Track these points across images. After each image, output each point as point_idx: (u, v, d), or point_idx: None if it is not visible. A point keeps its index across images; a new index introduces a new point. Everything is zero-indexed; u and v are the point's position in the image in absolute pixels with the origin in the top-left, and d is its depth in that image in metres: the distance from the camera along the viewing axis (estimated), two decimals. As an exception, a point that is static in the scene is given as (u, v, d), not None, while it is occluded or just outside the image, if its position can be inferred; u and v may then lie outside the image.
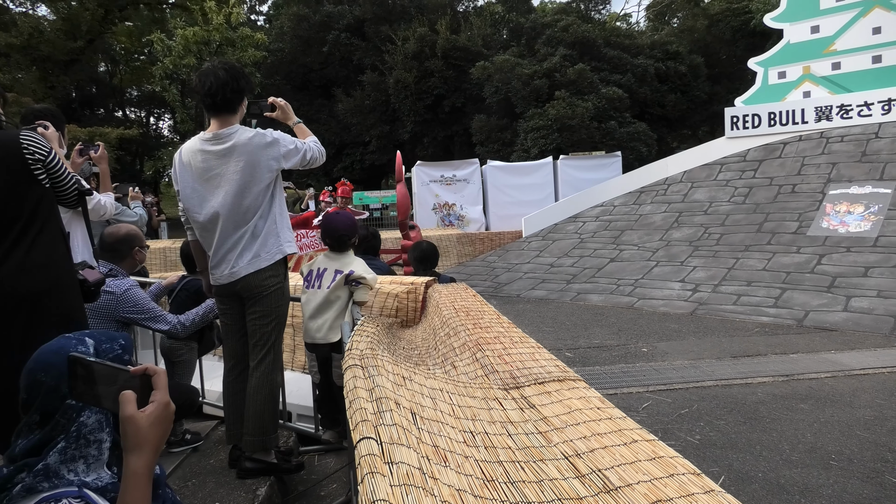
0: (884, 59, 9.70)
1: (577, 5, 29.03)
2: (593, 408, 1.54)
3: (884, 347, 5.15)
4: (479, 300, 3.02)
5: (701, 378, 4.39)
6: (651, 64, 23.33)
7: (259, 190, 2.57)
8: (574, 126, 18.93)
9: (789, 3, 10.68)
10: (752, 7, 24.97)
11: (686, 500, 1.05)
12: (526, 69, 21.25)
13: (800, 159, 9.77)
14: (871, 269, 6.87)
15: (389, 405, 1.38)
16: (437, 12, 26.07)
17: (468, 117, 23.16)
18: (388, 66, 24.50)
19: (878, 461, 2.96)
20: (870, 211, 7.98)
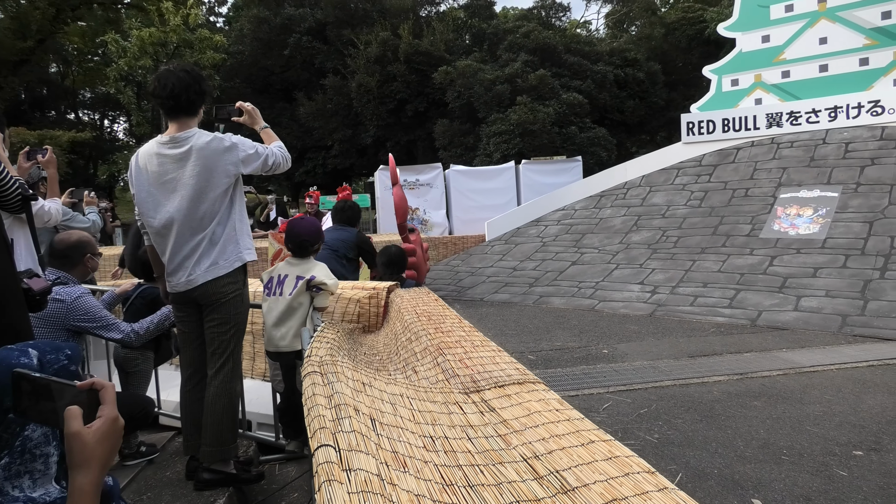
0: (830, 69, 10.09)
1: (538, 12, 29.39)
2: (552, 410, 1.55)
3: (832, 345, 5.35)
4: (441, 304, 3.03)
5: (659, 378, 4.48)
6: (610, 70, 23.77)
7: (216, 195, 2.51)
8: (535, 131, 19.14)
9: (741, 14, 11.03)
10: (706, 16, 25.70)
11: (641, 499, 1.07)
12: (488, 74, 21.42)
13: (752, 164, 10.09)
14: (820, 269, 7.12)
15: (348, 412, 1.37)
16: (400, 17, 26.07)
17: (431, 122, 23.19)
18: (350, 70, 24.38)
19: (827, 455, 3.07)
20: (818, 214, 8.28)
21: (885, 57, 9.56)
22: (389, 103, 23.42)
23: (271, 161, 2.68)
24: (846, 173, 8.85)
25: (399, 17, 25.98)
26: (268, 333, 2.87)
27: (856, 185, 8.53)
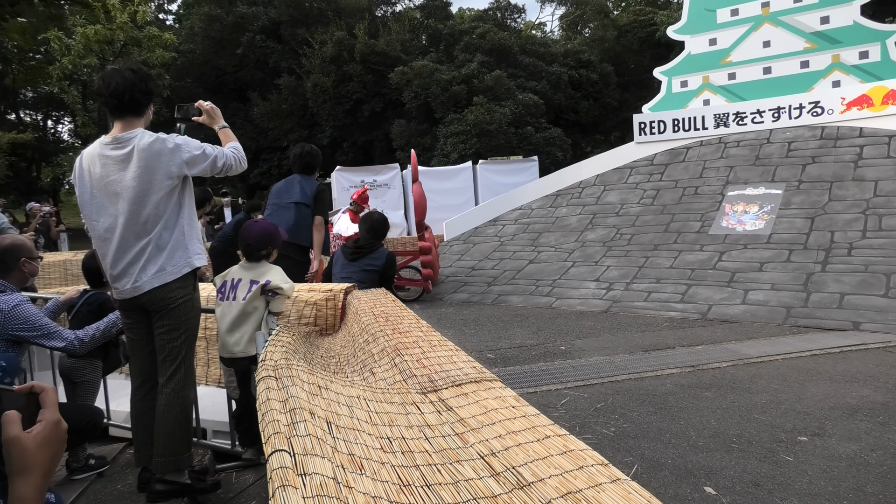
0: (773, 71, 10.48)
1: (493, 13, 29.60)
2: (509, 407, 1.57)
3: (778, 336, 5.55)
4: (398, 305, 3.02)
5: (615, 372, 4.57)
6: (565, 71, 24.14)
7: (159, 199, 2.42)
8: (492, 131, 19.29)
9: (689, 17, 11.34)
10: (657, 19, 26.35)
11: (594, 491, 1.09)
12: (444, 75, 21.48)
13: (701, 163, 10.39)
14: (766, 264, 7.39)
15: (303, 415, 1.36)
16: (355, 16, 25.89)
17: (388, 122, 23.11)
18: (305, 69, 24.08)
19: (774, 441, 3.19)
20: (763, 210, 8.59)
21: (824, 60, 9.98)
22: (346, 103, 23.24)
23: (221, 163, 2.59)
24: (789, 171, 9.20)
25: (355, 16, 25.80)
26: (221, 339, 2.80)
27: (798, 183, 8.88)
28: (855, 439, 3.19)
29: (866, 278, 6.52)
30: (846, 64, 9.78)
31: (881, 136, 9.06)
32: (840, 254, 7.14)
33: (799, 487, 2.69)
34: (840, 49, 9.84)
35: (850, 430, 3.32)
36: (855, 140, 9.26)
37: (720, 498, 2.62)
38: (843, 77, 9.82)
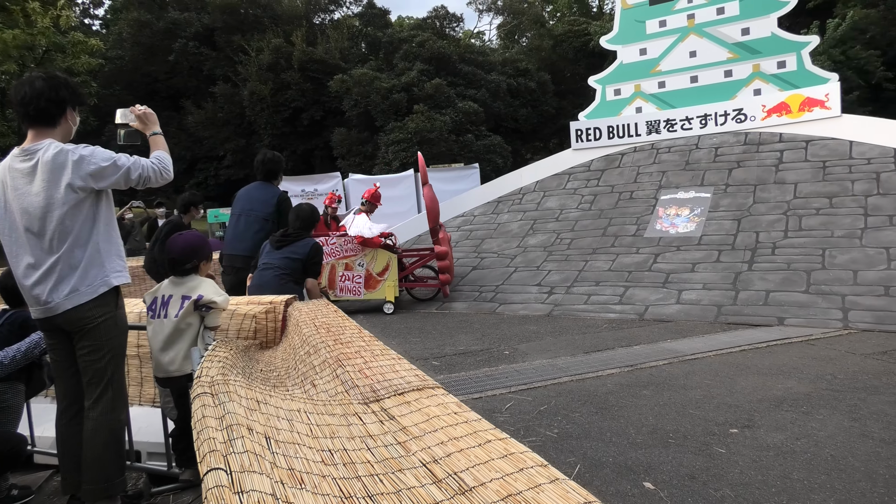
0: (700, 80, 10.96)
1: (432, 22, 29.82)
2: (451, 413, 1.58)
3: (710, 333, 5.79)
4: (340, 315, 2.99)
5: (558, 375, 4.66)
6: (503, 80, 24.54)
7: (63, 214, 2.29)
8: (433, 139, 19.40)
9: (621, 28, 11.75)
10: (590, 30, 27.14)
11: (534, 492, 1.11)
12: (384, 83, 21.46)
13: (636, 168, 10.75)
14: (697, 264, 7.70)
15: (241, 432, 1.33)
16: (293, 24, 25.57)
17: (328, 130, 22.89)
18: (241, 77, 23.58)
19: (707, 435, 3.32)
20: (694, 213, 8.96)
21: (746, 69, 10.52)
22: (284, 112, 22.89)
23: (136, 174, 2.43)
24: (717, 175, 9.64)
25: (292, 23, 25.47)
26: (155, 359, 2.69)
27: (725, 186, 9.31)
28: (781, 429, 3.36)
29: (789, 276, 6.89)
30: (766, 73, 10.34)
31: (799, 141, 9.62)
32: (765, 253, 7.52)
33: (731, 478, 2.81)
34: (760, 59, 10.40)
35: (777, 420, 3.49)
36: (775, 145, 9.79)
37: (658, 492, 2.70)
38: (763, 85, 10.38)
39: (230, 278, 4.86)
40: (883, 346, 4.99)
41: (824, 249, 7.22)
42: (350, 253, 7.88)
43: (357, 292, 7.98)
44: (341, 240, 7.88)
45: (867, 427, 3.33)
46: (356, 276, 7.91)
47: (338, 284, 7.97)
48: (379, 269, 7.88)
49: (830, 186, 8.43)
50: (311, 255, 4.24)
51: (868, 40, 22.33)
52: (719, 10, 10.67)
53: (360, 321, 7.60)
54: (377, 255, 7.86)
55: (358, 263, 7.89)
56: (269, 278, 4.17)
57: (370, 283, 7.91)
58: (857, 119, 9.62)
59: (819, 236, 7.53)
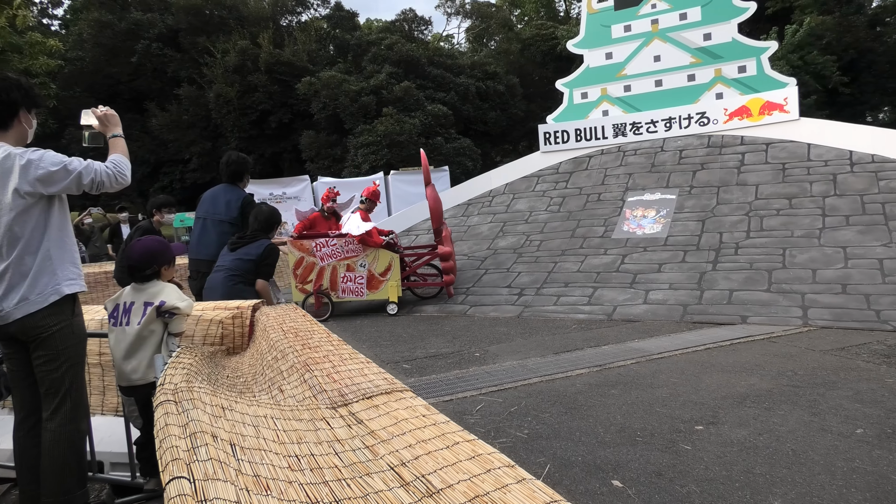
0: (664, 83, 11.17)
1: (401, 25, 29.80)
2: (419, 416, 1.58)
3: (676, 332, 5.90)
4: (308, 320, 2.96)
5: (528, 376, 4.69)
6: (472, 83, 24.64)
7: (11, 220, 2.23)
8: (403, 142, 19.37)
9: (587, 32, 11.91)
10: (557, 34, 27.45)
11: (501, 492, 1.12)
12: (353, 86, 21.36)
13: (603, 171, 10.90)
14: (664, 265, 7.84)
15: (205, 439, 1.30)
16: (259, 25, 25.27)
17: (296, 133, 22.67)
18: (207, 79, 23.21)
19: (674, 432, 3.38)
20: (660, 214, 9.12)
21: (708, 74, 10.76)
22: (251, 114, 22.60)
23: (88, 179, 2.36)
24: (681, 177, 9.83)
25: (258, 25, 25.17)
26: (118, 368, 2.62)
27: (690, 188, 9.50)
28: (744, 425, 3.43)
29: (751, 275, 7.06)
30: (727, 77, 10.59)
31: (760, 144, 9.87)
32: (728, 253, 7.69)
33: (697, 474, 2.86)
34: (722, 63, 10.65)
35: (740, 416, 3.58)
36: (737, 147, 10.03)
37: (626, 490, 2.74)
38: (725, 90, 10.63)
39: (196, 283, 4.78)
40: (840, 342, 5.15)
41: (784, 249, 7.42)
42: (351, 254, 7.84)
43: (360, 293, 7.94)
44: (342, 241, 7.82)
45: (826, 421, 3.43)
46: (358, 276, 7.88)
47: (339, 286, 7.94)
48: (381, 270, 7.85)
49: (790, 188, 8.67)
50: (264, 256, 4.20)
51: (824, 46, 23.06)
52: (682, 15, 10.90)
53: (332, 325, 7.54)
54: (379, 255, 7.84)
55: (360, 264, 7.85)
56: (218, 280, 4.12)
57: (373, 283, 7.88)
58: (814, 122, 9.92)
59: (779, 236, 7.73)
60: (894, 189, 7.92)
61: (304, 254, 7.89)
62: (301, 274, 7.98)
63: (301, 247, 7.90)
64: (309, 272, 7.93)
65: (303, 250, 7.89)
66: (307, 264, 7.91)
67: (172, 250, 2.82)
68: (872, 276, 6.43)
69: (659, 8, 11.11)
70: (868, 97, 26.23)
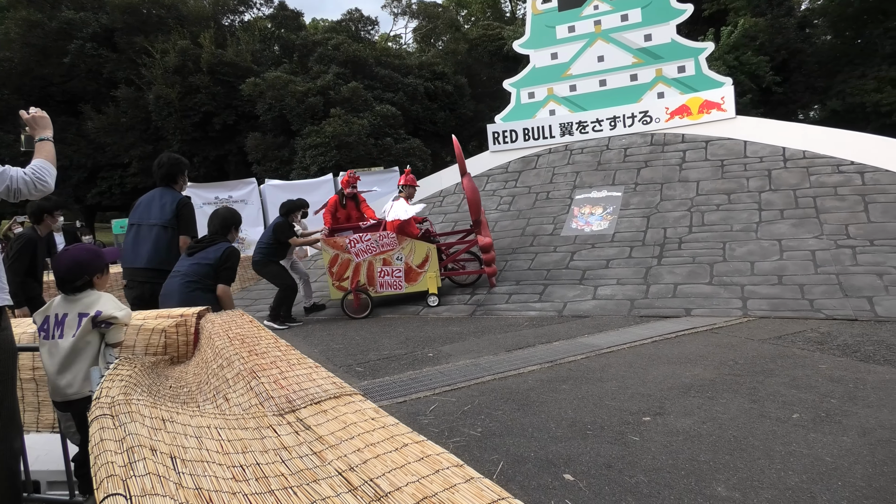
0: (608, 83, 11.43)
1: (347, 25, 29.53)
2: (368, 419, 1.56)
3: (624, 327, 6.04)
4: (255, 325, 2.89)
5: (481, 374, 4.72)
6: (420, 83, 24.63)
7: None
8: (352, 143, 19.21)
9: (532, 33, 12.07)
10: (504, 34, 27.75)
11: (449, 493, 1.12)
12: (300, 86, 21.05)
13: (551, 169, 11.07)
14: (611, 261, 8.02)
15: (143, 453, 1.26)
16: (200, 25, 24.59)
17: (242, 135, 22.18)
18: (146, 80, 22.45)
19: (623, 424, 3.46)
20: (607, 212, 9.32)
21: (650, 73, 11.07)
22: (194, 116, 21.98)
23: (3, 187, 2.26)
24: (627, 175, 10.08)
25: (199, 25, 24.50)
26: (52, 383, 2.49)
27: (634, 185, 9.75)
28: (689, 414, 3.54)
29: (694, 269, 7.30)
30: (668, 77, 10.92)
31: (699, 142, 10.22)
32: (672, 248, 7.93)
33: (644, 464, 2.93)
34: (662, 64, 10.97)
35: (685, 406, 3.69)
36: (679, 145, 10.35)
37: (578, 483, 2.79)
38: (666, 89, 10.95)
39: (132, 292, 4.60)
40: (777, 331, 5.38)
41: (725, 243, 7.70)
42: (387, 248, 7.71)
43: (398, 286, 7.83)
44: (376, 235, 7.69)
45: (765, 408, 3.58)
46: (395, 270, 7.76)
47: (377, 280, 7.83)
48: (419, 261, 7.74)
49: (728, 184, 9.00)
50: (223, 260, 4.06)
51: (758, 47, 24.06)
52: (623, 17, 11.17)
53: (299, 328, 7.41)
54: (415, 246, 7.72)
55: (396, 257, 7.72)
56: (175, 286, 3.98)
57: (411, 275, 7.78)
58: (750, 120, 10.33)
59: (720, 231, 8.02)
60: (824, 183, 8.33)
61: (338, 251, 7.78)
62: (337, 272, 7.88)
63: (334, 244, 7.79)
64: (345, 269, 7.83)
65: (336, 247, 7.78)
66: (342, 261, 7.81)
67: (105, 257, 2.69)
68: (806, 267, 6.74)
69: (601, 9, 11.36)
70: (799, 96, 27.51)
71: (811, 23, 30.00)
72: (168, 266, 4.33)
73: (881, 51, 26.83)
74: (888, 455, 2.88)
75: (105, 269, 2.67)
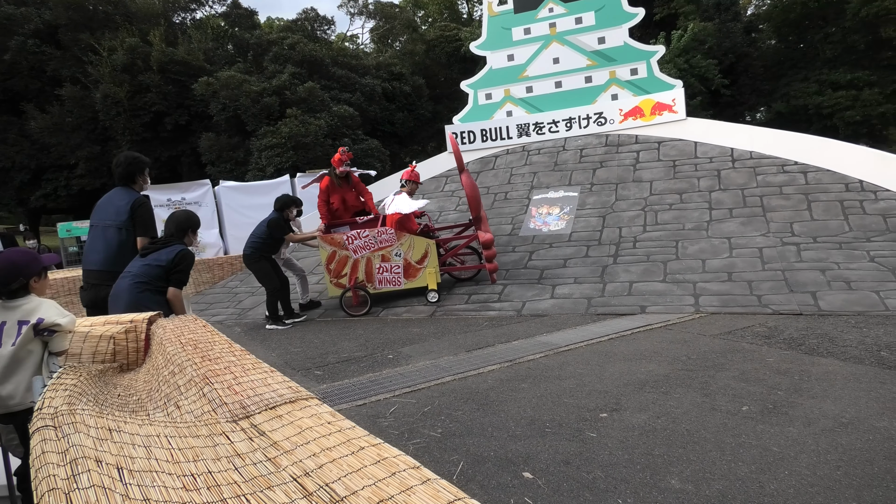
0: (563, 85, 11.60)
1: (303, 24, 29.15)
2: (324, 423, 1.54)
3: (581, 325, 6.13)
4: (209, 330, 2.83)
5: (441, 375, 4.72)
6: (378, 84, 24.51)
7: None
8: (309, 144, 18.97)
9: (489, 35, 12.15)
10: (461, 35, 27.84)
11: (405, 495, 1.11)
12: (254, 86, 20.68)
13: (509, 170, 11.17)
14: (569, 260, 8.14)
15: (87, 465, 1.21)
16: (149, 22, 23.92)
17: (195, 136, 21.65)
18: (92, 79, 21.70)
19: (580, 421, 3.51)
20: (564, 212, 9.46)
21: (604, 76, 11.28)
22: (144, 116, 21.35)
23: None
24: (582, 175, 10.25)
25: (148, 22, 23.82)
26: None
27: (590, 185, 9.92)
28: (644, 410, 3.62)
29: (648, 267, 7.47)
30: (621, 79, 11.15)
31: (652, 143, 10.46)
32: (627, 247, 8.10)
33: (601, 460, 2.98)
34: (615, 66, 11.20)
35: (641, 402, 3.77)
36: (633, 146, 10.58)
37: (537, 480, 2.81)
38: (619, 91, 11.18)
39: (87, 294, 4.45)
40: (728, 326, 5.54)
41: (677, 241, 7.90)
42: (385, 244, 7.58)
43: (397, 282, 7.71)
44: (374, 231, 7.54)
45: (716, 401, 3.68)
46: (394, 266, 7.65)
47: (375, 277, 7.70)
48: (417, 258, 7.63)
49: (680, 183, 9.25)
50: (176, 262, 3.96)
51: (707, 50, 24.79)
52: (577, 19, 11.36)
53: (238, 335, 7.26)
54: (414, 242, 7.60)
55: (395, 254, 7.60)
56: (124, 287, 3.87)
57: (409, 271, 7.67)
58: (700, 122, 10.64)
59: (672, 229, 8.23)
60: (770, 183, 8.64)
61: (336, 247, 7.63)
62: (335, 268, 7.73)
63: (332, 241, 7.64)
64: (343, 266, 7.69)
65: (334, 244, 7.64)
66: (340, 258, 7.67)
67: (41, 261, 2.58)
68: (754, 264, 6.97)
69: (556, 12, 11.53)
70: (746, 98, 28.47)
71: (756, 27, 31.10)
72: (120, 268, 4.19)
73: (822, 55, 28.03)
74: (830, 444, 3.00)
75: (42, 272, 2.56)
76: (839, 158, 8.51)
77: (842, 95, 25.59)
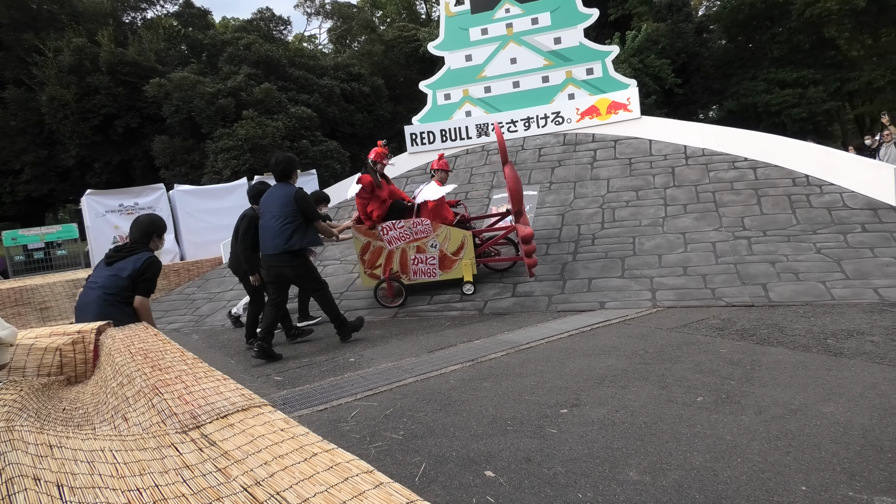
0: (521, 85, 11.70)
1: (258, 24, 28.68)
2: (277, 431, 1.52)
3: (542, 322, 6.19)
4: (160, 339, 2.75)
5: (403, 377, 4.70)
6: (336, 84, 24.29)
7: None
8: (266, 146, 18.67)
9: (446, 35, 12.17)
10: (419, 36, 27.82)
11: (357, 500, 1.10)
12: (209, 87, 20.25)
13: (469, 170, 11.20)
14: (529, 258, 8.20)
15: (25, 483, 1.16)
16: (97, 22, 23.19)
17: (147, 139, 21.08)
18: (37, 80, 20.93)
19: (541, 418, 3.54)
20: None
21: (560, 76, 11.42)
22: (93, 119, 20.69)
23: None
24: (542, 174, 10.35)
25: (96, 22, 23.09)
26: None
27: (549, 184, 10.03)
28: (603, 404, 3.68)
29: (607, 263, 7.59)
30: (577, 79, 11.31)
31: (609, 141, 10.64)
32: (586, 244, 8.21)
33: (562, 455, 3.02)
34: (572, 66, 11.35)
35: (600, 396, 3.82)
36: (590, 145, 10.74)
37: (498, 479, 2.83)
38: (576, 90, 11.33)
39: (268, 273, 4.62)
40: (683, 319, 5.67)
41: (634, 237, 8.05)
42: (421, 234, 7.44)
43: (432, 274, 7.59)
44: (409, 222, 7.37)
45: (672, 393, 3.76)
46: (430, 257, 7.52)
47: (410, 268, 7.58)
48: (453, 249, 7.50)
49: (636, 181, 9.43)
50: (142, 271, 3.85)
51: (660, 50, 25.36)
52: (533, 20, 11.47)
53: (196, 342, 7.09)
54: (450, 233, 7.47)
55: (430, 245, 7.46)
56: (91, 299, 3.75)
57: (445, 263, 7.54)
58: (654, 120, 10.86)
59: (630, 226, 8.38)
60: (722, 179, 8.88)
61: (371, 238, 7.51)
62: (369, 259, 7.62)
63: (367, 232, 7.45)
64: (377, 257, 7.57)
65: (368, 235, 7.49)
66: (374, 249, 7.55)
67: None
68: (707, 258, 7.15)
69: (512, 12, 11.61)
70: (699, 96, 29.25)
71: (707, 28, 31.97)
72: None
73: (769, 54, 29.00)
74: (780, 430, 3.10)
75: None
76: (787, 154, 8.81)
77: (788, 93, 26.53)
